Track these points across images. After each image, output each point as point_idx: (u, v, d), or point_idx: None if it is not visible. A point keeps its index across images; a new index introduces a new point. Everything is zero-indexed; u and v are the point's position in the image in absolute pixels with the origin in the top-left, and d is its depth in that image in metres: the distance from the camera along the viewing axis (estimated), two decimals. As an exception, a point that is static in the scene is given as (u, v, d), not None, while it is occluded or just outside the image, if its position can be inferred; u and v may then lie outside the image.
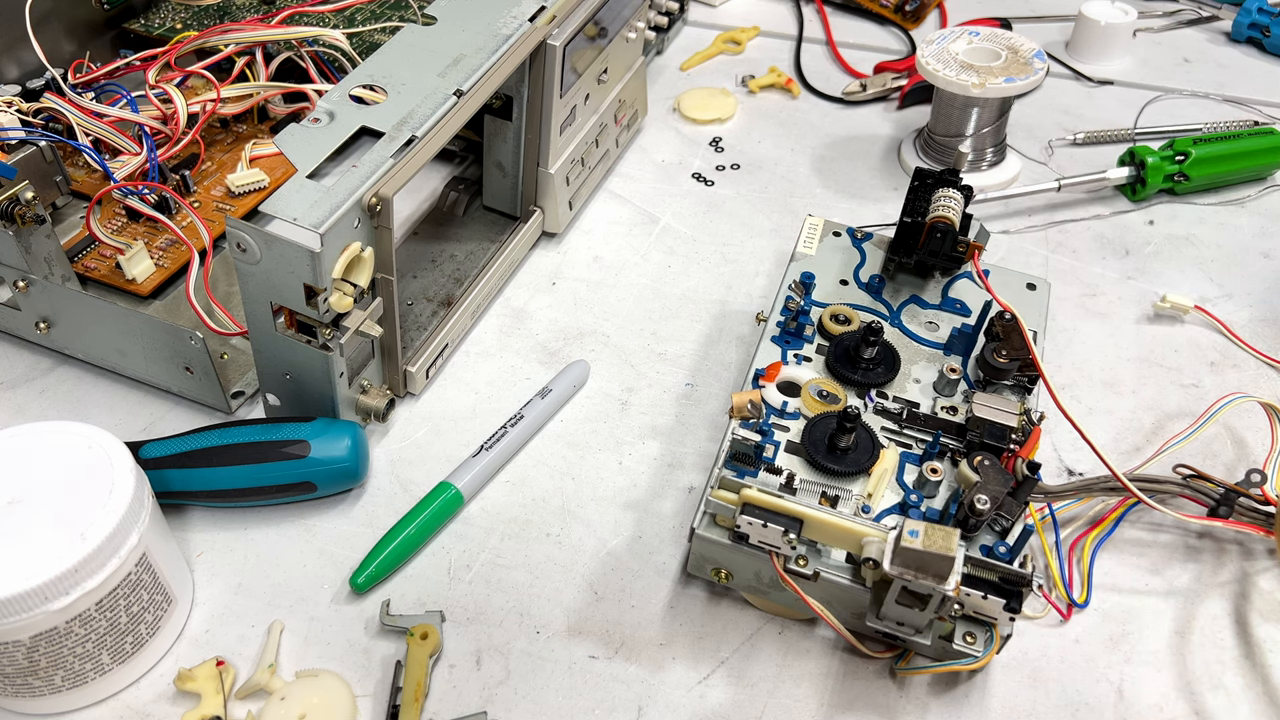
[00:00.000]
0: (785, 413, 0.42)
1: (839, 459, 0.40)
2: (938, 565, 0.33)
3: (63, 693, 0.37)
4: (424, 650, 0.38)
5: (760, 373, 0.43)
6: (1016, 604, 0.35)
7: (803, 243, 0.50)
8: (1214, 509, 0.42)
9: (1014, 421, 0.40)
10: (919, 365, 0.45)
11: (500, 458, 0.46)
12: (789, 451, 0.41)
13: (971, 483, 0.38)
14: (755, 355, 0.44)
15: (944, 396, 0.43)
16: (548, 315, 0.54)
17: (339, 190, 0.39)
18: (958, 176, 0.48)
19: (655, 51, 0.75)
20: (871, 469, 0.40)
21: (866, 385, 0.43)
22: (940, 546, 0.33)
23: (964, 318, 0.47)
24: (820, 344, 0.45)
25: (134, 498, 0.36)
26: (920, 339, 0.46)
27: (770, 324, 0.46)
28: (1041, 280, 0.49)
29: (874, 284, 0.48)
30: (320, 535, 0.44)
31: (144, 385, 0.49)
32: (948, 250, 0.46)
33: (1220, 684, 0.39)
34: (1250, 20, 0.77)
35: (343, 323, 0.41)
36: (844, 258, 0.50)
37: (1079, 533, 0.43)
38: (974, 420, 0.41)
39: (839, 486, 0.39)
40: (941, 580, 0.34)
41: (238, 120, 0.61)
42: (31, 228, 0.45)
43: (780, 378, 0.43)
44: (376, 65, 0.45)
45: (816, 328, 0.46)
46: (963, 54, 0.60)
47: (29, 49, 0.56)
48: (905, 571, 0.34)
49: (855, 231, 0.51)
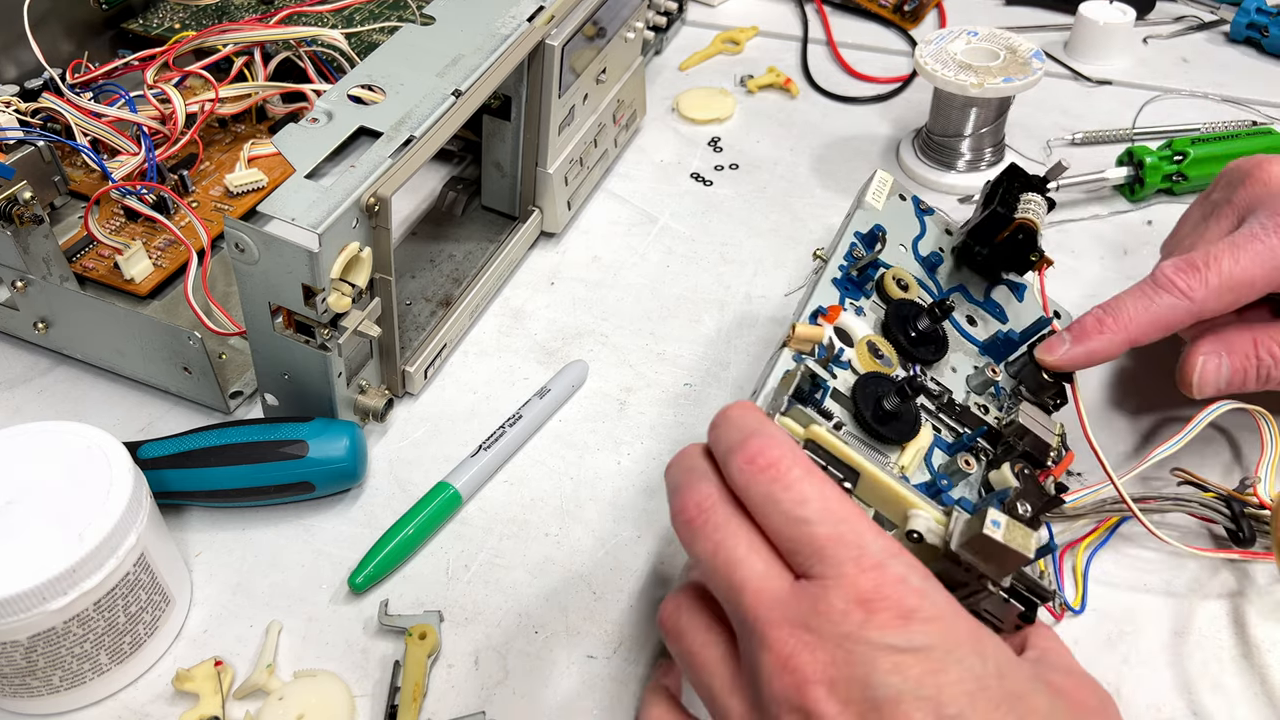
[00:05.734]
0: (839, 360, 0.40)
1: (887, 424, 0.39)
2: (1007, 560, 0.33)
3: (61, 693, 0.37)
4: (422, 650, 0.38)
5: (822, 310, 0.42)
6: (1031, 614, 0.35)
7: (871, 194, 0.48)
8: (1234, 534, 0.42)
9: (1053, 441, 0.41)
10: (957, 355, 0.44)
11: (499, 458, 0.46)
12: (834, 399, 0.39)
13: (1013, 487, 0.37)
14: (814, 292, 0.43)
15: (976, 394, 0.43)
16: (546, 315, 0.54)
17: (337, 190, 0.39)
18: (1047, 185, 0.47)
19: (654, 51, 0.75)
20: (908, 444, 0.39)
21: (915, 359, 0.42)
22: (1019, 544, 0.32)
23: (1001, 323, 0.47)
24: (875, 301, 0.44)
25: (132, 498, 0.36)
26: (963, 331, 0.46)
27: (832, 266, 0.44)
28: (1066, 312, 0.50)
29: (931, 260, 0.47)
30: (318, 535, 0.44)
31: (142, 385, 0.49)
32: (1023, 255, 0.46)
33: (1219, 684, 0.39)
34: (1249, 20, 0.77)
35: (341, 323, 0.41)
36: (905, 224, 0.49)
37: (1075, 538, 0.43)
38: (1017, 429, 0.40)
39: (876, 450, 0.38)
40: (1003, 573, 0.33)
41: (236, 120, 0.61)
42: (30, 228, 0.45)
43: (837, 323, 0.42)
44: (375, 65, 0.45)
45: (876, 284, 0.45)
46: (961, 54, 0.60)
47: (27, 49, 0.56)
48: (972, 557, 0.33)
49: (920, 201, 0.50)
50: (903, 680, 0.27)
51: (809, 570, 0.29)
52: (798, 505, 0.29)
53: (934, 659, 0.28)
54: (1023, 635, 0.35)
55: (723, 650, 0.31)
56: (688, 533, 0.31)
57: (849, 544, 0.29)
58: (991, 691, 0.28)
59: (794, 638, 0.28)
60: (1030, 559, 0.32)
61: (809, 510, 0.29)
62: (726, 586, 0.30)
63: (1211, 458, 0.47)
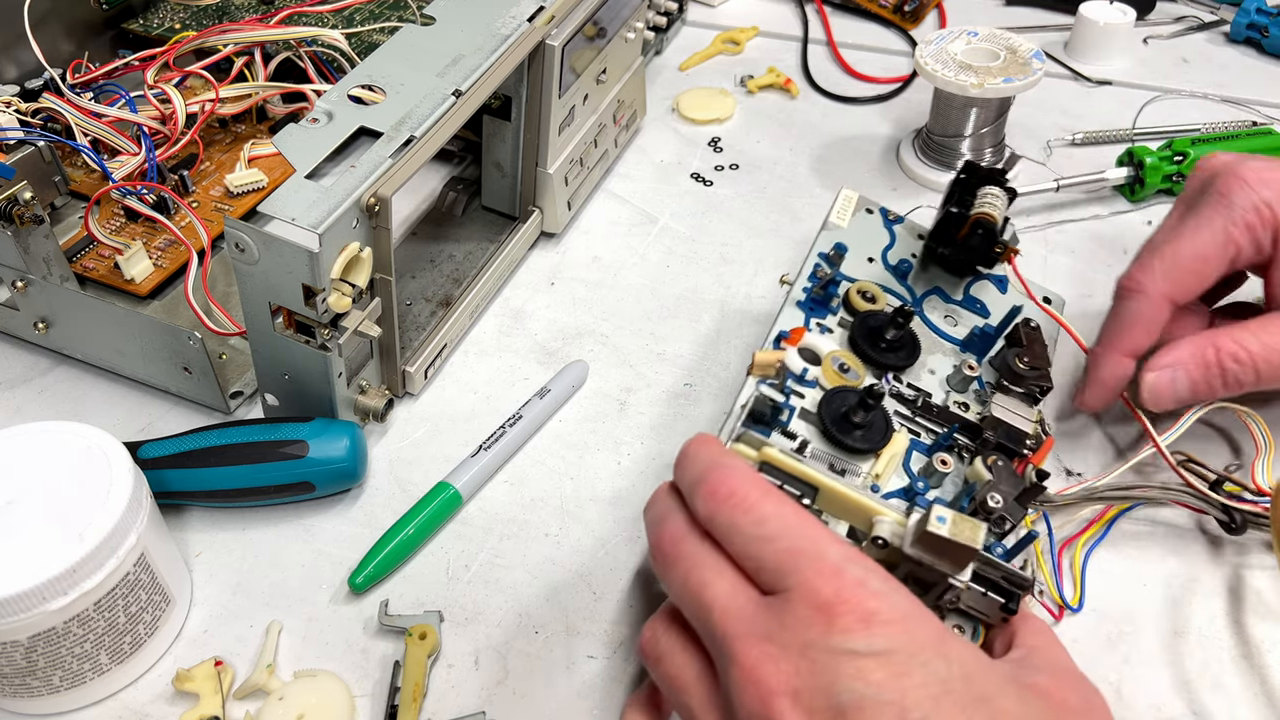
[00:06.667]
0: (804, 379, 0.41)
1: (853, 435, 0.39)
2: (957, 555, 0.33)
3: (61, 693, 0.37)
4: (422, 650, 0.38)
5: (784, 335, 0.43)
6: (1014, 606, 0.35)
7: (835, 213, 0.49)
8: (1226, 525, 0.42)
9: (1030, 428, 0.41)
10: (935, 357, 0.45)
11: (499, 458, 0.46)
12: (801, 419, 0.40)
13: (984, 480, 0.38)
14: (778, 318, 0.44)
15: (956, 392, 0.43)
16: (546, 315, 0.54)
17: (337, 190, 0.39)
18: (1005, 176, 0.48)
19: (654, 51, 0.75)
20: (881, 451, 0.40)
21: (886, 367, 0.43)
22: (967, 537, 0.33)
23: (983, 318, 0.47)
24: (844, 317, 0.45)
25: (132, 498, 0.36)
26: (940, 331, 0.46)
27: (796, 289, 0.45)
28: (1057, 296, 0.49)
29: (902, 267, 0.48)
30: (319, 535, 0.44)
31: (142, 385, 0.49)
32: (986, 248, 0.46)
33: (1219, 684, 0.40)
34: (1249, 20, 0.77)
35: (341, 323, 0.41)
36: (873, 236, 0.49)
37: (1072, 534, 0.43)
38: (991, 421, 0.41)
39: (847, 462, 0.39)
40: (958, 569, 0.34)
41: (236, 120, 0.61)
42: (30, 228, 0.45)
43: (802, 344, 0.43)
44: (375, 65, 0.45)
45: (842, 301, 0.45)
46: (961, 54, 0.60)
47: (27, 49, 0.56)
48: (925, 555, 0.34)
49: (888, 212, 0.50)
50: (865, 686, 0.28)
51: (773, 586, 0.30)
52: (757, 526, 0.31)
53: (897, 662, 0.28)
54: (1010, 632, 0.35)
55: (699, 670, 0.31)
56: (661, 565, 0.33)
57: (808, 554, 0.30)
58: (957, 695, 0.28)
59: (758, 650, 0.29)
60: (978, 550, 0.33)
61: (768, 529, 0.31)
62: (697, 608, 0.31)
63: (1212, 456, 0.47)
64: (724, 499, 0.32)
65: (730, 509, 0.31)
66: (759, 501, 0.31)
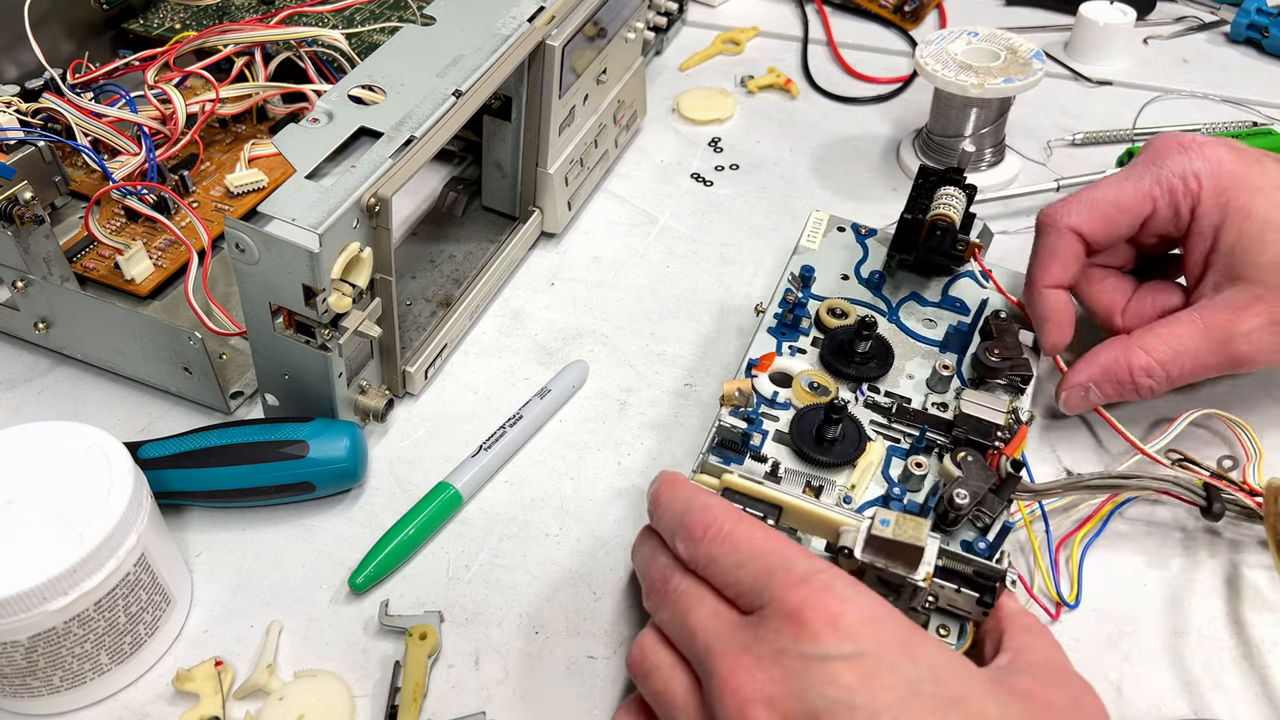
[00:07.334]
0: (775, 403, 0.42)
1: (825, 450, 0.40)
2: (907, 555, 0.34)
3: (61, 693, 0.37)
4: (423, 650, 0.38)
5: (754, 362, 0.44)
6: (990, 599, 0.36)
7: (806, 237, 0.50)
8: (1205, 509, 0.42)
9: (1000, 419, 0.41)
10: (914, 361, 0.45)
11: (499, 458, 0.46)
12: (777, 441, 0.41)
13: (953, 478, 0.38)
14: (751, 345, 0.45)
15: (935, 393, 0.43)
16: (546, 315, 0.54)
17: (338, 190, 0.39)
18: (962, 175, 0.48)
19: (654, 52, 0.75)
20: (857, 461, 0.40)
21: (859, 379, 0.43)
22: (910, 536, 0.34)
23: (963, 316, 0.47)
24: (816, 337, 0.45)
25: (132, 498, 0.36)
26: (916, 335, 0.46)
27: (768, 315, 0.46)
28: None
29: (874, 280, 0.49)
30: (319, 535, 0.44)
31: (143, 385, 0.49)
32: (947, 248, 0.46)
33: (1219, 684, 0.40)
34: (1249, 21, 0.77)
35: (341, 323, 0.41)
36: (847, 253, 0.50)
37: (1068, 530, 0.43)
38: (960, 416, 0.41)
39: (824, 477, 0.40)
40: (911, 569, 0.34)
41: (237, 120, 0.61)
42: (30, 228, 0.45)
43: (773, 368, 0.44)
44: (375, 65, 0.45)
45: (814, 321, 0.46)
46: (961, 54, 0.60)
47: (28, 49, 0.56)
48: (876, 559, 0.35)
49: (860, 228, 0.51)
50: (836, 691, 0.28)
51: (751, 605, 0.32)
52: (732, 554, 0.33)
53: (865, 665, 0.29)
54: (999, 633, 0.35)
55: (686, 684, 0.32)
56: (652, 602, 0.35)
57: (778, 570, 0.31)
58: (926, 696, 0.28)
59: (735, 661, 0.30)
60: (923, 547, 0.34)
61: (741, 555, 0.32)
62: (683, 632, 0.33)
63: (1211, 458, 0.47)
64: (699, 538, 0.33)
65: (706, 545, 0.33)
66: (731, 532, 0.33)
